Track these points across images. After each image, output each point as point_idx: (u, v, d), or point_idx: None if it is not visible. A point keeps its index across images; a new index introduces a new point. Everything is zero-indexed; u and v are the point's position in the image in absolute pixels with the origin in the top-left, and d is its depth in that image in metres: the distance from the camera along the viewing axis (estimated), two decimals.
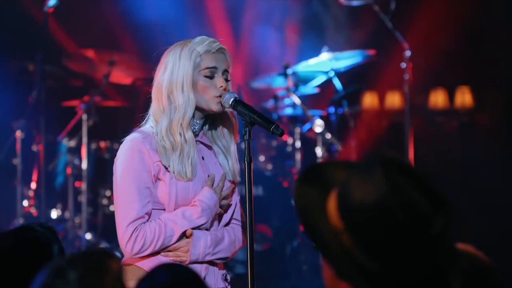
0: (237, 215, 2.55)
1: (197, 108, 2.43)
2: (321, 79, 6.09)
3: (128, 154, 2.37)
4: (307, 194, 1.34)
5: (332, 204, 1.32)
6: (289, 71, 5.77)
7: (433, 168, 6.14)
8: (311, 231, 1.33)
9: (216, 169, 2.49)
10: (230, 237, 2.49)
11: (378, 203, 1.26)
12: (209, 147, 2.50)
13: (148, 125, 2.45)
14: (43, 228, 1.76)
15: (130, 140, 2.40)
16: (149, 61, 2.60)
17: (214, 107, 2.42)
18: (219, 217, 2.50)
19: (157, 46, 2.59)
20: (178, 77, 2.40)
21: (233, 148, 2.52)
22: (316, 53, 5.87)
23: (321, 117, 5.90)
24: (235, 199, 2.55)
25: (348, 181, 1.30)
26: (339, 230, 1.29)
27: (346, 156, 6.07)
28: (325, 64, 5.86)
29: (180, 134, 2.39)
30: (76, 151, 5.78)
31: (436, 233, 1.26)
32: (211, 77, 2.42)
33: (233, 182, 2.53)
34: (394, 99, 7.17)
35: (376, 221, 1.26)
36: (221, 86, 2.42)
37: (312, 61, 5.81)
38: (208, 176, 2.45)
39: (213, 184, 2.44)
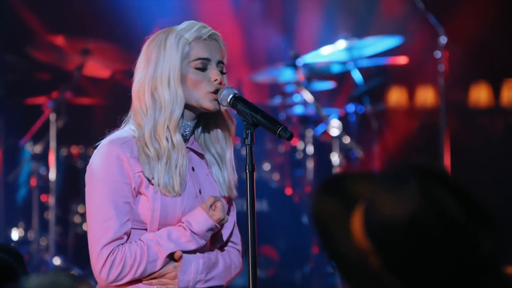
0: (235, 237, 2.55)
1: (188, 107, 2.43)
2: (337, 71, 6.09)
3: (104, 161, 2.36)
4: (328, 208, 1.35)
5: (357, 221, 1.32)
6: (299, 61, 5.77)
7: (474, 179, 6.12)
8: (332, 252, 1.35)
9: (209, 181, 2.49)
10: (225, 262, 2.49)
11: (411, 220, 1.26)
12: (201, 156, 2.50)
13: (128, 127, 2.44)
14: (6, 252, 1.76)
15: (106, 145, 2.39)
16: (131, 50, 2.60)
17: (208, 104, 2.41)
18: (212, 238, 2.49)
19: (141, 32, 2.59)
20: (163, 70, 2.40)
21: (229, 155, 2.51)
22: (332, 40, 5.87)
23: (339, 118, 5.89)
24: (232, 218, 2.55)
25: (376, 194, 1.32)
26: (366, 250, 1.31)
27: (368, 164, 6.06)
28: (343, 53, 5.86)
29: (167, 139, 2.38)
30: (42, 158, 5.78)
31: (482, 255, 1.26)
32: (203, 69, 2.42)
33: (228, 197, 2.53)
34: (426, 95, 7.17)
35: (409, 240, 1.27)
36: (216, 80, 2.42)
37: (327, 49, 5.81)
38: (200, 190, 2.44)
39: (210, 206, 2.42)
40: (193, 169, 2.47)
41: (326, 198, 1.37)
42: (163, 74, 2.40)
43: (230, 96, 2.42)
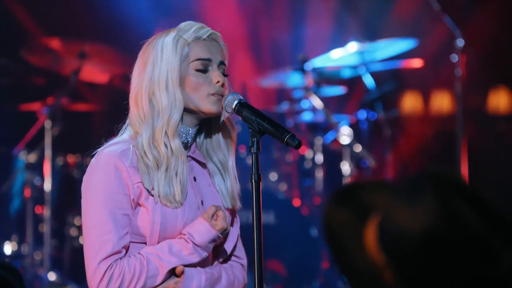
0: (238, 251, 2.56)
1: (188, 112, 2.43)
2: (348, 75, 6.09)
3: (102, 171, 2.37)
4: (341, 219, 1.35)
5: (371, 233, 1.32)
6: (308, 65, 5.77)
7: (493, 188, 6.11)
8: (343, 265, 1.36)
9: (211, 192, 2.49)
10: (229, 277, 2.49)
11: (428, 232, 1.26)
12: (203, 165, 2.50)
13: (126, 135, 2.45)
14: (3, 268, 1.77)
15: (104, 154, 2.39)
16: (130, 53, 2.61)
17: (207, 107, 2.41)
18: (214, 251, 2.49)
19: (140, 33, 2.60)
20: (161, 73, 2.40)
21: (231, 163, 2.52)
22: (342, 43, 5.87)
23: (349, 125, 5.89)
24: (236, 231, 2.55)
25: (390, 205, 1.32)
26: (379, 264, 1.31)
27: (381, 174, 6.05)
28: (354, 57, 5.86)
29: (166, 145, 2.39)
30: (36, 167, 5.79)
31: (503, 271, 1.26)
32: (204, 70, 2.43)
33: (232, 209, 2.53)
34: (442, 101, 7.16)
35: (425, 254, 1.26)
36: (218, 82, 2.43)
37: (337, 53, 5.81)
38: (202, 202, 2.45)
39: (212, 216, 2.42)
40: (194, 179, 2.47)
41: (339, 208, 1.37)
42: (160, 77, 2.40)
43: (235, 102, 2.42)
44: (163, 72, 2.40)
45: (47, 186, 5.63)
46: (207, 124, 2.51)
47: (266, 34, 7.02)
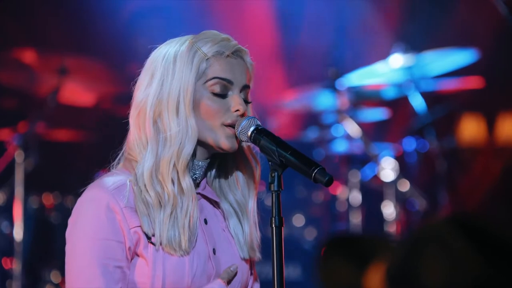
0: None
1: (200, 143, 2.45)
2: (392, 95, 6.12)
3: (91, 213, 2.38)
4: (337, 269, 1.37)
5: (374, 279, 1.35)
6: (341, 83, 5.81)
7: None
8: None
9: (225, 239, 2.51)
10: None
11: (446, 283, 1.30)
12: (216, 205, 2.52)
13: (123, 166, 2.47)
14: None
15: (94, 192, 2.41)
16: (122, 69, 2.64)
17: (224, 142, 2.43)
18: None
19: (135, 46, 2.64)
20: (171, 91, 2.41)
21: (252, 206, 2.53)
22: (384, 54, 5.91)
23: (394, 157, 5.91)
24: None
25: (407, 252, 1.35)
26: None
27: (435, 218, 6.04)
28: (399, 72, 5.90)
29: (173, 181, 2.39)
30: (5, 210, 5.82)
31: None
32: (222, 95, 2.43)
33: (250, 260, 2.55)
34: (510, 128, 7.16)
35: None
36: (237, 110, 2.43)
37: (378, 67, 5.85)
38: (214, 250, 2.46)
39: (232, 279, 2.44)
40: (205, 221, 2.49)
41: (332, 258, 1.38)
42: (170, 97, 2.41)
43: (251, 128, 2.43)
44: (174, 91, 2.41)
45: (18, 233, 5.64)
46: (220, 156, 2.53)
47: (289, 45, 7.05)
